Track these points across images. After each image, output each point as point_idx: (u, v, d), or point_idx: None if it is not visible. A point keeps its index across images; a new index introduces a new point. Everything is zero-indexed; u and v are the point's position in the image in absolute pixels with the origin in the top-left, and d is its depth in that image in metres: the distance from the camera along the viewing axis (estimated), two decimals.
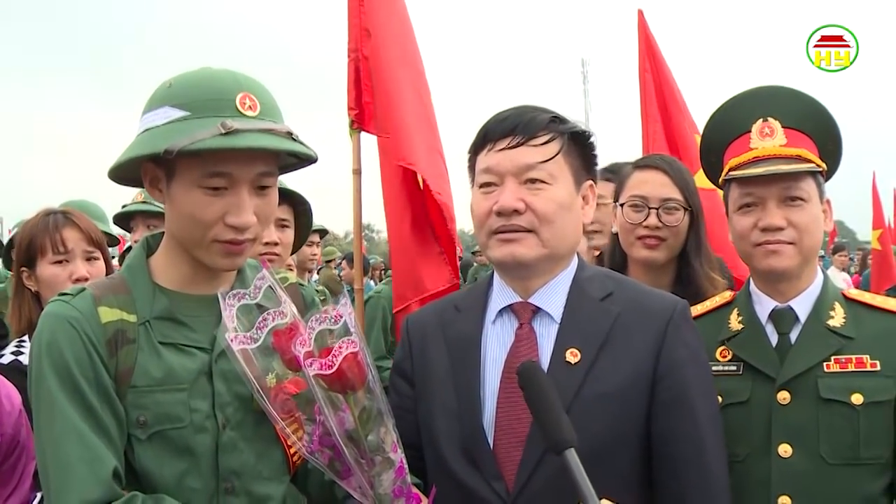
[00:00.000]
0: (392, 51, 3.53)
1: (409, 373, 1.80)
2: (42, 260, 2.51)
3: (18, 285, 2.57)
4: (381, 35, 3.52)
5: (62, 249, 2.51)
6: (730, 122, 2.04)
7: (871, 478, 1.82)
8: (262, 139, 1.47)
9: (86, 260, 2.55)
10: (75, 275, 2.47)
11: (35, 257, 2.52)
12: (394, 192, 3.49)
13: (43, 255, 2.51)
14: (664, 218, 2.46)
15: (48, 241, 2.50)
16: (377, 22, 3.53)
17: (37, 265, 2.52)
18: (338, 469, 1.48)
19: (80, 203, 3.78)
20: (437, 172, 3.46)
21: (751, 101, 2.02)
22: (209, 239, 1.53)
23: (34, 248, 2.51)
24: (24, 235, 2.55)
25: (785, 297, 1.96)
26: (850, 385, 1.83)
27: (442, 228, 3.45)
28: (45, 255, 2.51)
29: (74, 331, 1.47)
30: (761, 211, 1.92)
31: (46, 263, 2.51)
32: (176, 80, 1.55)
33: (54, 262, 2.51)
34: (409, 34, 3.71)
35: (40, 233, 2.52)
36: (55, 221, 2.54)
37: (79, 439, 1.41)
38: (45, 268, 2.51)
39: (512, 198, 1.63)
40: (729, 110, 2.07)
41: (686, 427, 1.62)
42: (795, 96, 2.01)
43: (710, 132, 2.11)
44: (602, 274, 1.80)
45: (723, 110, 2.09)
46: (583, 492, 1.35)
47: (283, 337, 1.46)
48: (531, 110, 1.70)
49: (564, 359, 1.63)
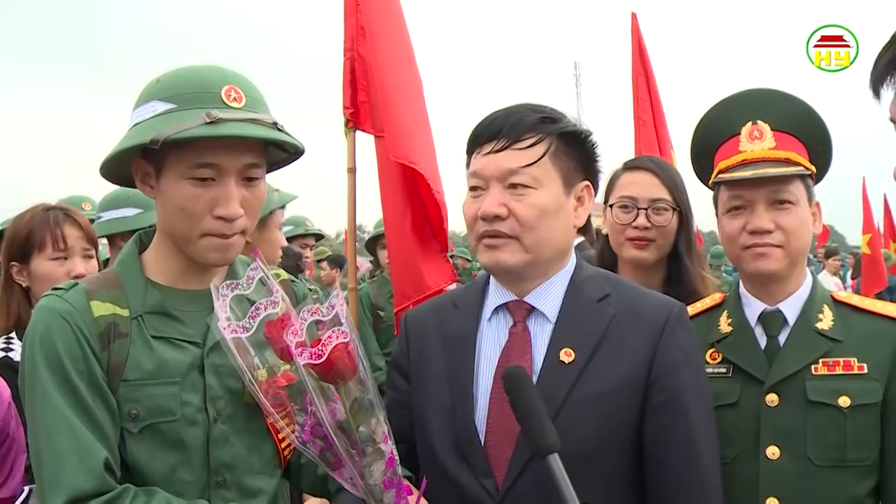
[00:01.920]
0: (388, 50, 3.53)
1: (406, 368, 1.81)
2: (39, 255, 2.49)
3: (7, 280, 2.54)
4: (377, 34, 3.52)
5: (62, 246, 2.50)
6: (719, 124, 2.04)
7: (857, 480, 1.83)
8: (246, 128, 1.49)
9: (82, 258, 2.54)
10: (74, 272, 2.46)
11: (31, 252, 2.50)
12: (392, 191, 3.49)
13: (41, 251, 2.49)
14: (653, 218, 2.47)
15: (48, 236, 2.49)
16: (373, 21, 3.53)
17: (32, 260, 2.50)
18: (329, 460, 1.49)
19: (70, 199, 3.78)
20: (436, 172, 3.47)
21: (740, 104, 2.03)
22: (199, 232, 1.54)
23: (31, 243, 2.49)
24: (20, 229, 2.52)
25: (774, 300, 1.96)
26: (838, 388, 1.84)
27: (439, 227, 3.45)
28: (43, 250, 2.49)
29: (67, 324, 1.48)
30: (750, 214, 1.93)
31: (44, 259, 2.49)
32: (164, 76, 1.58)
33: (53, 259, 2.49)
34: (404, 34, 3.71)
35: (40, 228, 2.50)
36: (55, 217, 2.52)
37: (70, 432, 1.42)
38: (41, 263, 2.49)
39: (494, 203, 1.63)
40: (719, 112, 2.07)
41: (679, 430, 1.62)
42: (785, 99, 2.01)
43: (700, 134, 2.12)
44: (600, 275, 1.79)
45: (713, 112, 2.09)
46: (565, 497, 1.36)
47: (275, 327, 1.47)
48: (520, 110, 1.68)
49: (558, 358, 1.63)
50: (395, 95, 3.46)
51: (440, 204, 3.37)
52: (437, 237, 3.49)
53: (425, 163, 3.40)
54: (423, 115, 3.60)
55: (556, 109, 1.73)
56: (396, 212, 3.48)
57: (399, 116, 3.44)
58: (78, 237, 2.54)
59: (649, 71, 4.90)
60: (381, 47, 3.51)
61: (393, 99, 3.45)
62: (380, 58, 3.49)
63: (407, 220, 3.45)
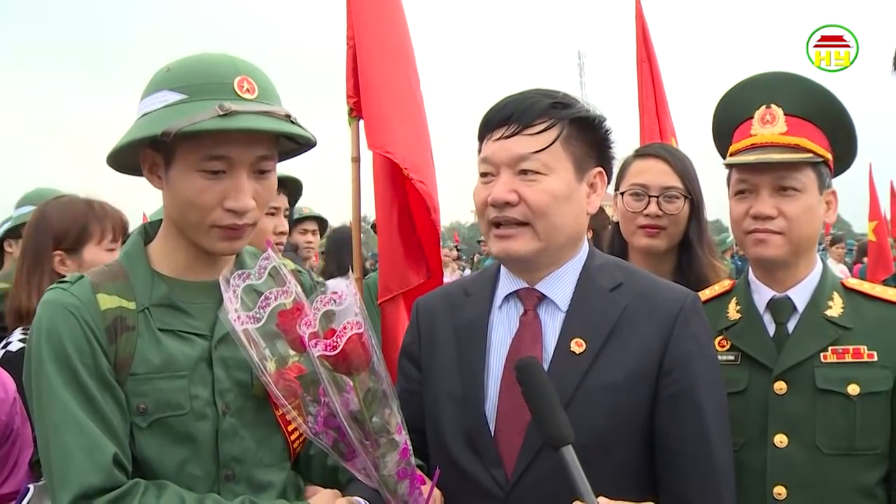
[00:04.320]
0: (373, 36, 3.45)
1: (417, 356, 1.80)
2: (94, 245, 2.55)
3: (40, 268, 2.52)
4: (364, 21, 3.46)
5: (116, 237, 2.57)
6: (736, 105, 2.03)
7: (866, 468, 1.83)
8: (260, 121, 1.47)
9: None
10: None
11: (85, 242, 2.54)
12: (382, 181, 3.46)
13: (98, 241, 2.55)
14: (664, 206, 2.46)
15: (107, 227, 2.57)
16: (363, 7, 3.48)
17: (84, 250, 2.54)
18: (342, 451, 1.48)
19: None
20: (423, 161, 3.38)
21: (756, 87, 2.01)
22: (208, 224, 1.53)
23: (87, 233, 2.54)
24: (70, 219, 2.54)
25: (783, 287, 1.96)
26: (847, 376, 1.83)
27: (422, 220, 3.42)
28: (100, 240, 2.55)
29: (73, 318, 1.46)
30: (754, 198, 1.92)
31: (100, 249, 2.54)
32: (174, 65, 1.55)
33: (108, 249, 2.55)
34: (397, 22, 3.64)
35: (98, 219, 2.56)
36: (102, 209, 2.59)
37: (78, 427, 1.41)
38: (96, 253, 2.53)
39: (504, 190, 1.62)
40: (736, 94, 2.06)
41: (692, 421, 1.60)
42: (801, 83, 1.98)
43: (719, 115, 2.11)
44: (613, 264, 1.77)
45: (731, 93, 2.07)
46: (579, 489, 1.36)
47: (288, 317, 1.45)
48: (532, 95, 1.67)
49: (569, 348, 1.62)
50: (377, 82, 3.40)
51: (424, 194, 3.31)
52: (419, 231, 3.43)
53: (406, 152, 3.33)
54: (410, 105, 3.50)
55: (568, 95, 1.71)
56: (385, 203, 3.45)
57: (376, 104, 3.35)
58: (121, 229, 2.62)
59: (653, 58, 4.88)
60: (364, 33, 3.44)
61: (371, 86, 3.39)
62: (363, 44, 3.43)
63: (394, 211, 3.41)
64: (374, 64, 3.41)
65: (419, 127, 3.48)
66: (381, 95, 3.38)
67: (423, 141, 3.48)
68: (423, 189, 3.28)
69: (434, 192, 3.37)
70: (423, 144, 3.45)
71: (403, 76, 3.50)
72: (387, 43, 3.49)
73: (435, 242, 3.44)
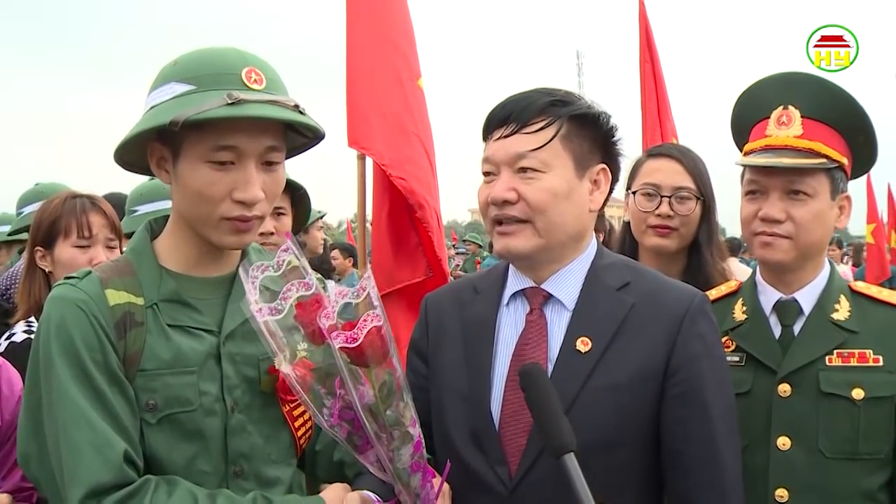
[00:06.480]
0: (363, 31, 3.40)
1: (425, 352, 1.80)
2: (63, 241, 2.51)
3: (31, 264, 2.57)
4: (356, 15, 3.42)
5: (87, 234, 2.51)
6: (753, 104, 2.02)
7: (869, 473, 1.83)
8: (268, 109, 1.47)
9: (105, 247, 2.55)
10: (95, 260, 2.46)
11: (56, 238, 2.52)
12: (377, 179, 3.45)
13: (66, 237, 2.51)
14: (676, 207, 2.45)
15: (74, 223, 2.51)
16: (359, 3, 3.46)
17: (56, 246, 2.52)
18: (356, 443, 1.48)
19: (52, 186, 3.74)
20: (406, 157, 3.34)
21: (775, 86, 2.00)
22: (217, 217, 1.52)
23: (57, 229, 2.51)
24: (47, 215, 2.54)
25: (790, 289, 1.95)
26: (852, 380, 1.83)
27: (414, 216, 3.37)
28: (68, 236, 2.51)
29: (83, 313, 1.46)
30: (764, 200, 1.91)
31: (68, 245, 2.51)
32: (182, 57, 1.55)
33: (76, 246, 2.51)
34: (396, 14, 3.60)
35: (66, 214, 2.52)
36: (82, 205, 2.54)
37: (87, 424, 1.40)
38: (65, 250, 2.51)
39: (502, 188, 1.62)
40: (754, 93, 2.05)
41: (698, 421, 1.59)
42: (820, 85, 1.97)
43: (738, 112, 2.09)
44: (622, 263, 1.76)
45: (750, 91, 2.06)
46: (580, 498, 1.35)
47: (307, 309, 1.45)
48: (531, 95, 1.66)
49: (575, 347, 1.62)
50: (356, 77, 3.35)
51: (406, 191, 3.28)
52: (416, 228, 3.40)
53: (384, 148, 3.29)
54: (396, 100, 3.42)
55: (570, 92, 1.71)
56: (377, 200, 3.44)
57: (357, 100, 3.32)
58: (102, 225, 2.55)
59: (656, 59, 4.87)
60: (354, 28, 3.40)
61: (354, 81, 3.35)
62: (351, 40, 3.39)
63: (384, 209, 3.40)
64: (359, 59, 3.39)
65: (406, 122, 3.42)
66: (362, 91, 3.35)
67: (408, 136, 3.42)
68: (404, 186, 3.26)
69: (424, 188, 3.34)
70: (408, 140, 3.40)
71: (391, 70, 3.45)
72: (377, 37, 3.44)
73: (428, 239, 3.40)
